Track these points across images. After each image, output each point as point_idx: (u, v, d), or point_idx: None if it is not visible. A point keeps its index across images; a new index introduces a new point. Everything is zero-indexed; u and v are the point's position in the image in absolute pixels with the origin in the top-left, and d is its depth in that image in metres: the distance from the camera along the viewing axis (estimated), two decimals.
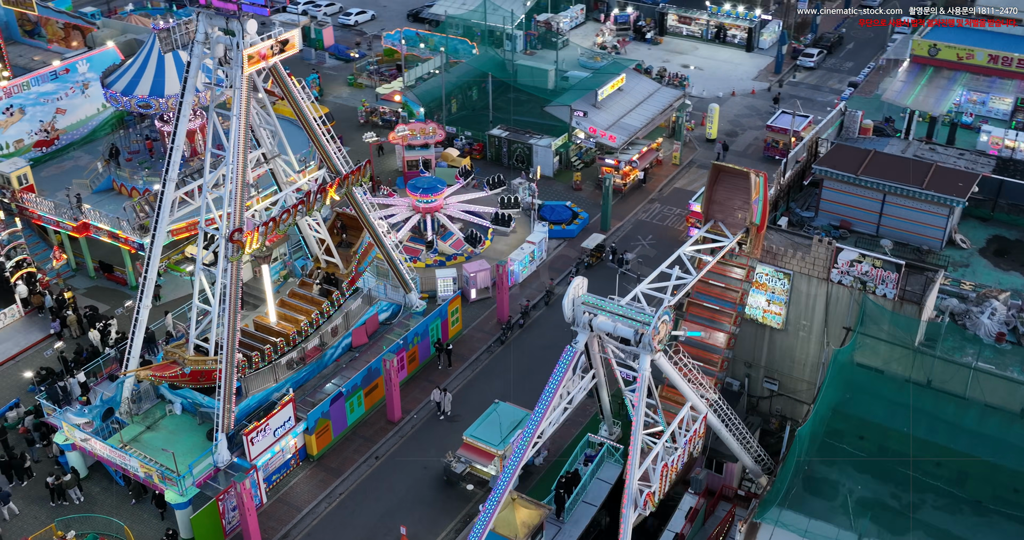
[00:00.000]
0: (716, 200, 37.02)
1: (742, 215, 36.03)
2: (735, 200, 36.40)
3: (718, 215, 37.02)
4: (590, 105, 62.38)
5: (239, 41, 34.86)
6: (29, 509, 39.31)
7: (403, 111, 66.91)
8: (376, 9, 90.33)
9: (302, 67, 76.78)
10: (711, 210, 37.26)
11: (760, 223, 35.84)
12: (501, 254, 53.10)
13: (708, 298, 37.49)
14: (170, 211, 38.16)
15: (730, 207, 36.73)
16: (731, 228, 36.82)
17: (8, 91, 53.38)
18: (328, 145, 40.10)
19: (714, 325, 37.33)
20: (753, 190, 35.12)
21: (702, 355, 37.27)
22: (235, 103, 35.53)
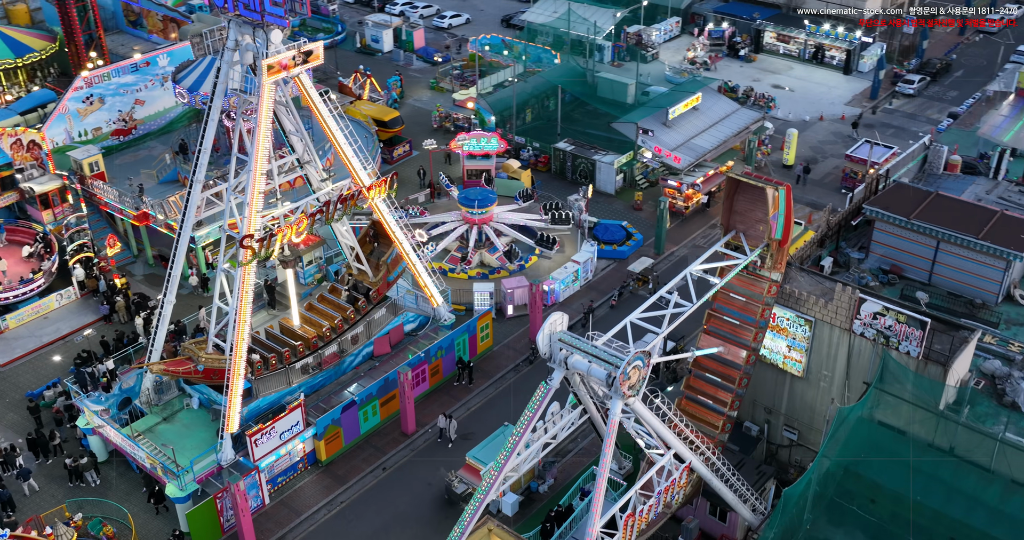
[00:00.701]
0: (736, 210, 35.16)
1: (764, 228, 34.10)
2: (756, 211, 34.46)
3: (739, 226, 35.12)
4: (660, 123, 60.85)
5: (262, 50, 35.21)
6: (48, 487, 40.93)
7: (475, 118, 66.80)
8: (473, 13, 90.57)
9: (389, 68, 77.71)
10: (732, 221, 35.36)
11: (783, 237, 33.81)
12: (546, 271, 52.36)
13: (730, 310, 35.70)
14: (196, 211, 39.00)
15: (752, 218, 34.72)
16: (752, 241, 34.89)
17: (89, 81, 55.72)
18: (353, 156, 40.18)
19: (735, 340, 35.51)
20: (771, 205, 33.24)
21: (721, 370, 35.70)
22: (258, 111, 35.98)
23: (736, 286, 35.52)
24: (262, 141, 36.21)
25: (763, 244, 34.33)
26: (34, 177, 52.80)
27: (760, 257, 34.62)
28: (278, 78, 35.77)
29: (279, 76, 35.65)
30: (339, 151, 39.79)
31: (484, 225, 53.74)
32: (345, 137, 39.87)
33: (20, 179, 52.41)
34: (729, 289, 35.51)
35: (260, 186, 36.60)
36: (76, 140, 56.14)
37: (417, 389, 44.60)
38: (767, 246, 34.31)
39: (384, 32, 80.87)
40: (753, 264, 34.87)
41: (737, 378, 35.48)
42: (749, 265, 34.86)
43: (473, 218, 53.22)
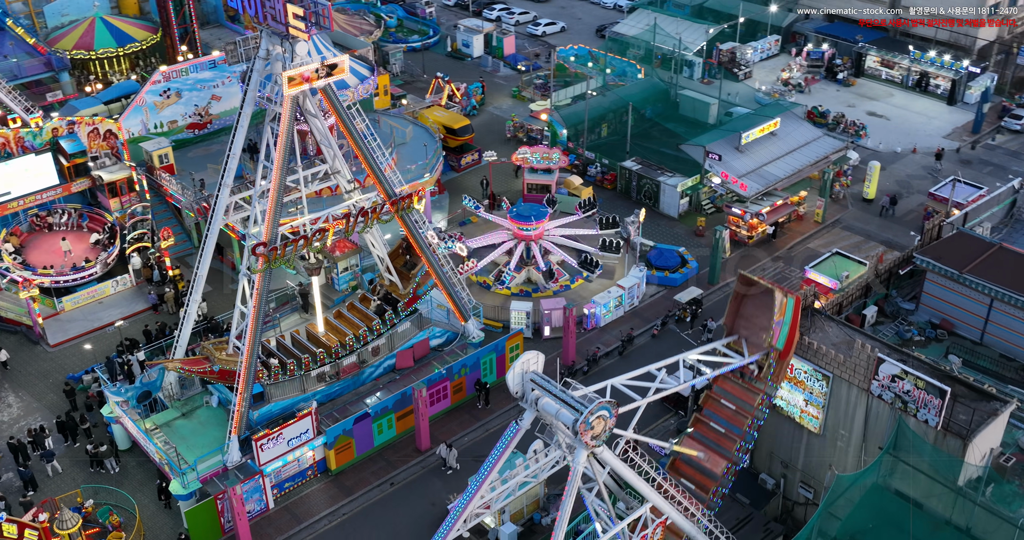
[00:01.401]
0: (743, 314, 33.86)
1: (767, 336, 32.58)
2: (762, 318, 33.06)
3: (743, 331, 33.78)
4: (732, 148, 58.66)
5: (285, 62, 35.30)
6: (71, 470, 42.31)
7: (547, 131, 65.93)
8: (570, 22, 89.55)
9: (475, 74, 77.49)
10: (736, 324, 34.02)
11: (784, 348, 32.19)
12: (590, 293, 51.11)
13: (718, 418, 34.14)
14: (223, 214, 39.53)
15: (756, 325, 33.43)
16: (753, 348, 33.42)
17: (167, 75, 57.38)
18: (381, 169, 39.96)
19: (717, 449, 33.88)
20: (777, 310, 31.72)
21: (698, 477, 34.16)
22: (280, 121, 36.14)
23: (728, 393, 34.01)
24: (282, 152, 36.34)
25: (763, 352, 32.73)
26: (105, 165, 54.75)
27: (759, 365, 33.08)
28: (300, 90, 35.77)
29: (301, 88, 35.67)
30: (365, 164, 39.62)
31: (534, 242, 52.83)
32: (371, 150, 39.67)
33: (92, 167, 54.43)
34: (720, 395, 34.12)
35: (281, 196, 36.76)
36: (151, 132, 57.91)
37: (437, 406, 44.21)
38: (767, 355, 32.66)
39: (475, 37, 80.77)
40: (750, 372, 33.45)
41: (712, 488, 33.75)
42: (746, 373, 33.43)
43: (523, 234, 52.37)
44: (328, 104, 37.84)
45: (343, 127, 38.74)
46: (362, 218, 38.97)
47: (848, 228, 58.21)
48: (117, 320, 48.01)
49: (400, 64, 78.25)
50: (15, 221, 54.02)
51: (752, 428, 33.21)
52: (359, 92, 52.90)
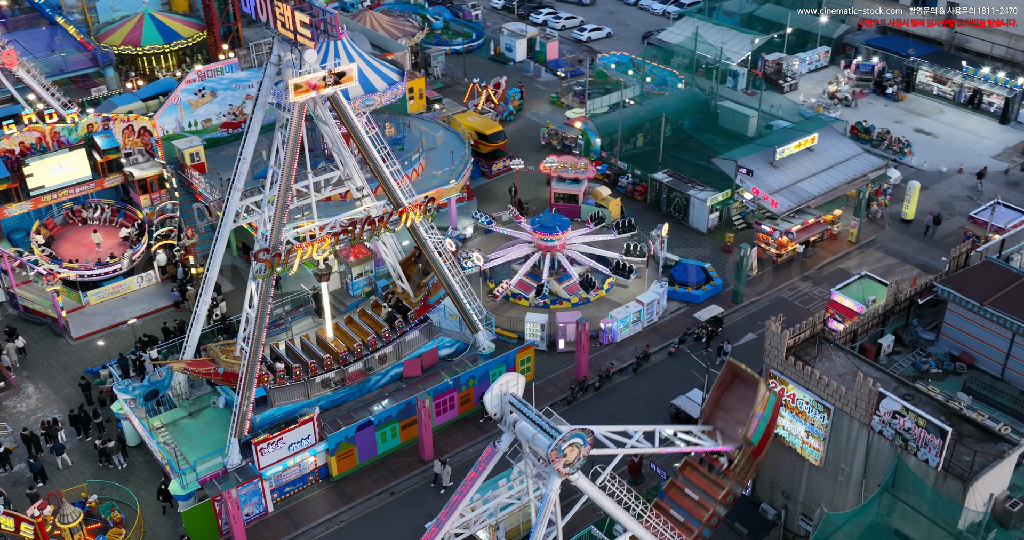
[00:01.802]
0: (722, 406, 33.12)
1: (742, 432, 31.70)
2: (741, 411, 32.24)
3: (719, 423, 32.98)
4: (766, 163, 57.35)
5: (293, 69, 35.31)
6: (80, 464, 42.96)
7: (581, 139, 65.25)
8: (617, 27, 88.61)
9: (517, 79, 77.06)
10: (713, 414, 33.24)
11: (758, 445, 31.35)
12: (609, 307, 50.35)
13: (678, 507, 33.27)
14: (234, 218, 39.73)
15: (734, 418, 32.70)
16: (727, 440, 32.54)
17: (202, 74, 58.02)
18: (390, 177, 39.77)
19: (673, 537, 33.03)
20: (759, 402, 30.91)
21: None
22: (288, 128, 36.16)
23: (693, 483, 33.27)
24: (289, 159, 36.38)
25: (736, 445, 31.87)
26: (137, 162, 55.55)
27: (729, 458, 32.32)
28: (307, 97, 35.73)
29: (308, 96, 35.63)
30: (375, 173, 39.46)
31: (556, 253, 52.24)
32: (382, 158, 39.50)
33: (124, 163, 55.25)
34: (685, 484, 33.43)
35: (286, 202, 36.82)
36: (186, 129, 58.63)
37: (444, 416, 43.95)
38: (740, 448, 31.77)
39: (518, 41, 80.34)
40: (719, 465, 32.65)
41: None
42: (715, 465, 32.71)
43: (546, 245, 51.80)
44: (337, 112, 37.68)
45: (353, 134, 38.58)
46: (368, 226, 38.82)
47: (883, 249, 56.52)
48: (131, 318, 48.57)
49: (441, 67, 78.19)
50: (48, 214, 55.05)
51: (711, 523, 32.39)
52: (386, 97, 52.77)
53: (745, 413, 31.69)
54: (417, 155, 56.21)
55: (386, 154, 39.99)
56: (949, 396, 35.63)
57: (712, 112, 67.31)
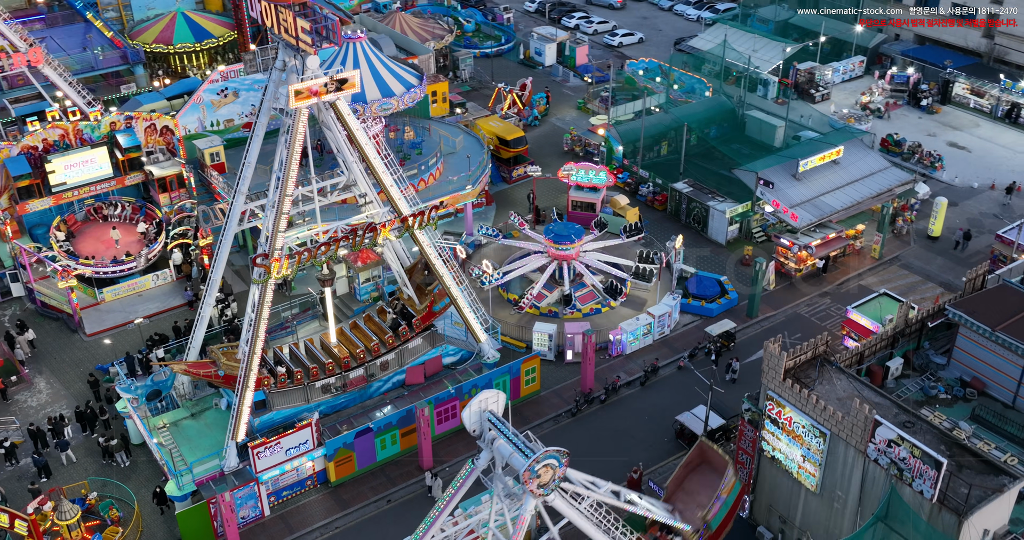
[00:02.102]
0: (685, 488, 32.68)
1: (701, 515, 30.95)
2: (703, 496, 31.65)
3: (679, 504, 32.27)
4: (789, 175, 56.33)
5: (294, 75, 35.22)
6: (84, 461, 43.34)
7: (603, 146, 64.64)
8: (650, 33, 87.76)
9: (545, 83, 76.63)
10: (675, 495, 32.69)
11: (716, 530, 30.62)
12: (621, 318, 49.73)
13: None
14: (239, 221, 39.79)
15: (695, 501, 32.12)
16: (685, 521, 31.73)
17: (225, 75, 58.35)
18: (392, 185, 39.53)
19: None
20: (724, 486, 30.35)
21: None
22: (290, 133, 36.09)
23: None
24: (291, 164, 36.33)
25: (695, 529, 31.28)
26: (158, 161, 56.07)
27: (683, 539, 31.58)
28: (308, 104, 35.64)
29: (308, 102, 35.54)
30: (378, 179, 39.27)
31: (570, 262, 51.70)
32: (385, 165, 39.29)
33: (145, 162, 55.80)
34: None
35: (286, 208, 36.78)
36: (208, 129, 59.04)
37: (446, 424, 43.69)
38: (697, 532, 31.17)
39: (547, 46, 79.87)
40: None
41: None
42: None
43: (559, 253, 51.28)
44: (339, 118, 37.52)
45: (354, 141, 38.42)
46: (370, 233, 38.66)
47: (906, 266, 55.21)
48: (137, 318, 48.94)
49: (469, 70, 77.99)
50: (70, 210, 55.73)
51: None
52: (404, 101, 52.59)
53: (707, 498, 31.29)
54: (434, 160, 56.01)
55: (390, 161, 39.76)
56: (955, 423, 34.64)
57: (739, 121, 66.31)
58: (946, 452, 30.21)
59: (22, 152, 53.71)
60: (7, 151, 53.42)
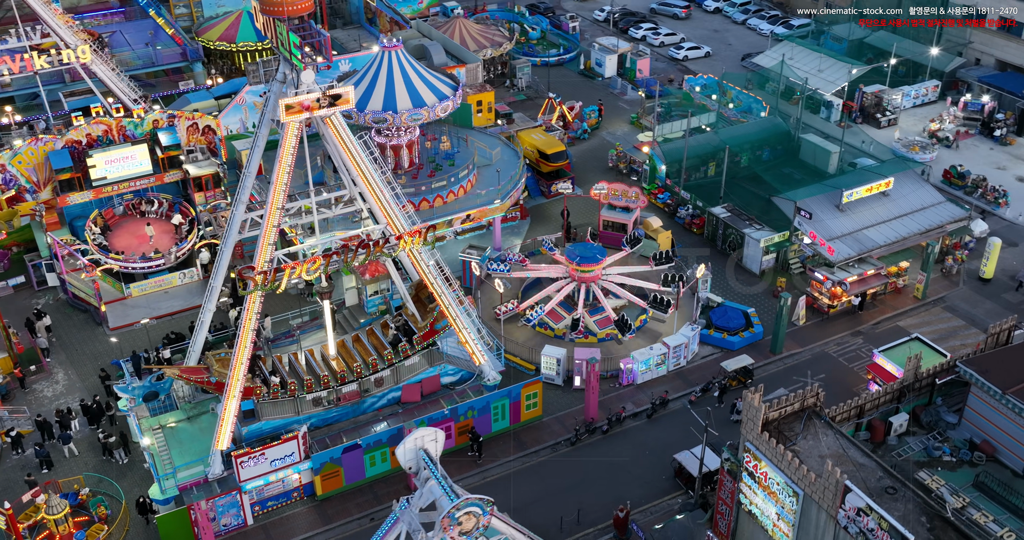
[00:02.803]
0: None
1: None
2: None
3: None
4: (832, 205, 53.83)
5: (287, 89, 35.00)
6: (85, 455, 44.13)
7: (647, 164, 62.99)
8: (718, 47, 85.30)
9: (601, 95, 75.24)
10: None
11: None
12: (636, 346, 48.27)
13: None
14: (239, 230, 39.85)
15: None
16: None
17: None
18: (389, 201, 39.00)
19: None
20: None
21: None
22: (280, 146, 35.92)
23: None
24: (281, 176, 36.15)
25: None
26: (197, 160, 56.90)
27: None
28: (300, 118, 35.37)
29: (300, 116, 35.27)
30: (374, 195, 38.78)
31: (591, 284, 50.44)
32: (382, 182, 38.79)
33: (184, 160, 56.68)
34: None
35: (275, 220, 36.64)
36: (249, 130, 59.69)
37: None
38: None
39: (608, 57, 78.37)
40: None
41: None
42: None
43: (580, 275, 50.07)
44: (334, 133, 37.17)
45: (350, 157, 38.03)
46: (363, 250, 38.25)
47: (951, 309, 52.14)
48: (144, 319, 49.66)
49: (526, 79, 77.12)
50: (109, 204, 56.98)
51: None
52: (435, 112, 52.05)
53: None
54: (466, 172, 55.36)
55: (386, 179, 39.24)
56: (954, 490, 32.34)
57: (794, 145, 63.83)
58: (925, 524, 28.15)
59: (66, 146, 55.15)
60: (52, 144, 54.92)
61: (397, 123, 51.87)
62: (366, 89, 52.74)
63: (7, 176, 54.85)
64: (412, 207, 42.02)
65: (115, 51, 70.71)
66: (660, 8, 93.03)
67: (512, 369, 47.93)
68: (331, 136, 37.74)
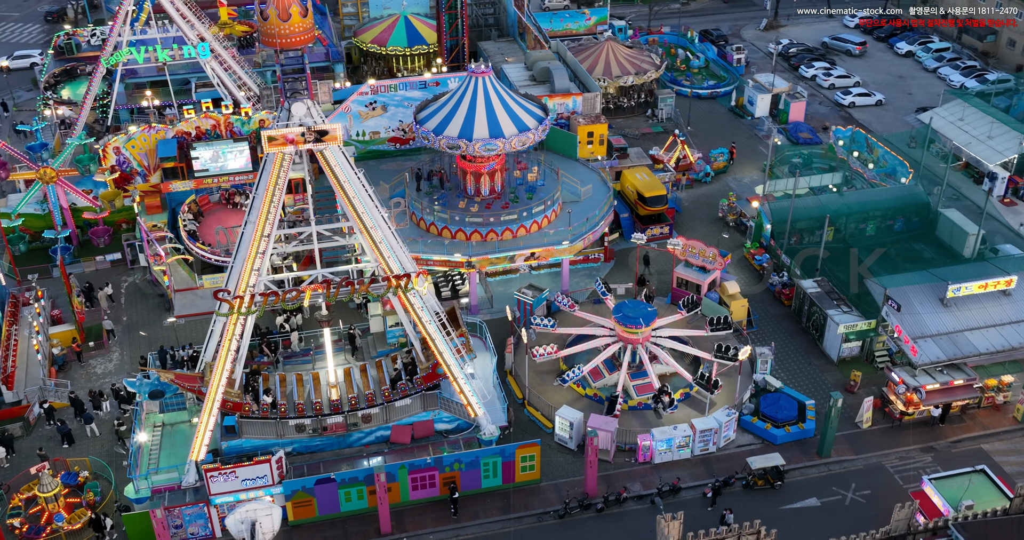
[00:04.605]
0: None
1: None
2: None
3: None
4: (936, 298, 47.33)
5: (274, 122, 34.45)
6: (105, 438, 45.98)
7: (754, 221, 58.05)
8: (896, 96, 77.39)
9: (735, 134, 70.33)
10: None
11: None
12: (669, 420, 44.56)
13: None
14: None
15: None
16: None
17: (375, 89, 59.10)
18: (382, 241, 37.64)
19: None
20: None
21: None
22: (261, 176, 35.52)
23: None
24: (266, 207, 35.80)
25: None
26: (293, 162, 57.93)
27: None
28: (284, 150, 34.75)
29: (284, 149, 34.65)
30: (366, 235, 37.54)
31: (639, 346, 47.01)
32: (376, 222, 37.53)
33: None
34: None
35: (259, 247, 36.35)
36: (353, 138, 60.26)
37: (422, 492, 41.58)
38: None
39: (761, 96, 73.04)
40: None
41: None
42: None
43: (626, 336, 46.74)
44: (325, 167, 36.33)
45: (342, 193, 37.04)
46: (347, 287, 37.26)
47: None
48: (170, 318, 51.04)
49: (668, 110, 73.36)
50: (206, 191, 59.18)
51: None
52: (511, 143, 50.17)
53: None
54: (542, 207, 53.10)
55: (380, 217, 37.97)
56: None
57: (931, 218, 56.82)
58: None
59: (176, 136, 57.90)
60: (163, 133, 57.85)
61: (470, 151, 50.50)
62: (448, 113, 51.67)
63: (121, 158, 58.40)
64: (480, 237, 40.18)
65: None
66: (832, 43, 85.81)
67: (530, 423, 45.64)
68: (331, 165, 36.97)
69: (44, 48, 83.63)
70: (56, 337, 50.86)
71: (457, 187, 55.01)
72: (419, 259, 51.24)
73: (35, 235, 58.65)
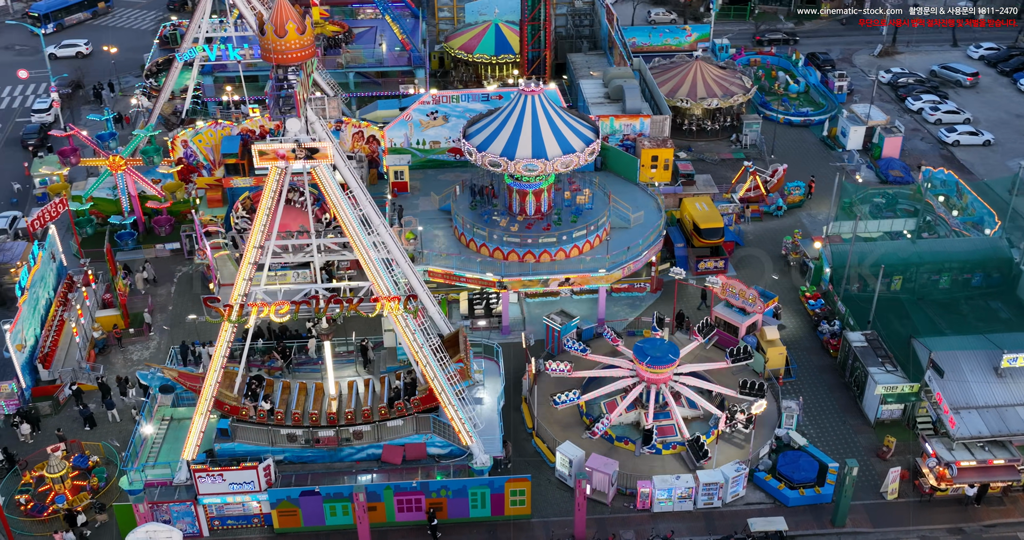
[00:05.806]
0: None
1: None
2: None
3: None
4: (990, 367, 43.57)
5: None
6: (124, 424, 47.24)
7: (814, 262, 54.79)
8: (1009, 136, 71.80)
9: (819, 167, 66.75)
10: None
11: None
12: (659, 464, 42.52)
13: None
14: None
15: None
16: None
17: (436, 99, 58.69)
18: (373, 261, 37.02)
19: None
20: None
21: None
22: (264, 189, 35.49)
23: None
24: (260, 217, 35.82)
25: None
26: None
27: None
28: (275, 165, 34.60)
29: (275, 163, 34.50)
30: (359, 253, 37.04)
31: (659, 386, 45.01)
32: (368, 242, 36.97)
33: None
34: None
35: (252, 257, 36.43)
36: (413, 146, 60.16)
37: (408, 515, 40.98)
38: None
39: (854, 128, 69.05)
40: None
41: None
42: None
43: (646, 375, 44.79)
44: (319, 183, 36.04)
45: (335, 211, 36.68)
46: (334, 304, 36.94)
47: None
48: (191, 315, 51.82)
49: (752, 137, 70.33)
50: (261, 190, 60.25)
51: None
52: (553, 165, 48.83)
53: None
54: (584, 232, 51.52)
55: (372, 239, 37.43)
56: None
57: (1014, 275, 52.39)
58: None
59: (240, 133, 59.18)
60: (228, 130, 59.23)
61: (511, 170, 49.52)
62: (494, 130, 50.81)
63: (188, 151, 60.13)
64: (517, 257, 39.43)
65: (352, 47, 74.53)
66: (942, 72, 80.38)
67: (534, 454, 44.39)
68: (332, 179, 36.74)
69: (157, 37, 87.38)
70: (100, 321, 52.70)
71: (504, 204, 54.08)
72: (452, 275, 50.95)
73: (104, 219, 61.09)
